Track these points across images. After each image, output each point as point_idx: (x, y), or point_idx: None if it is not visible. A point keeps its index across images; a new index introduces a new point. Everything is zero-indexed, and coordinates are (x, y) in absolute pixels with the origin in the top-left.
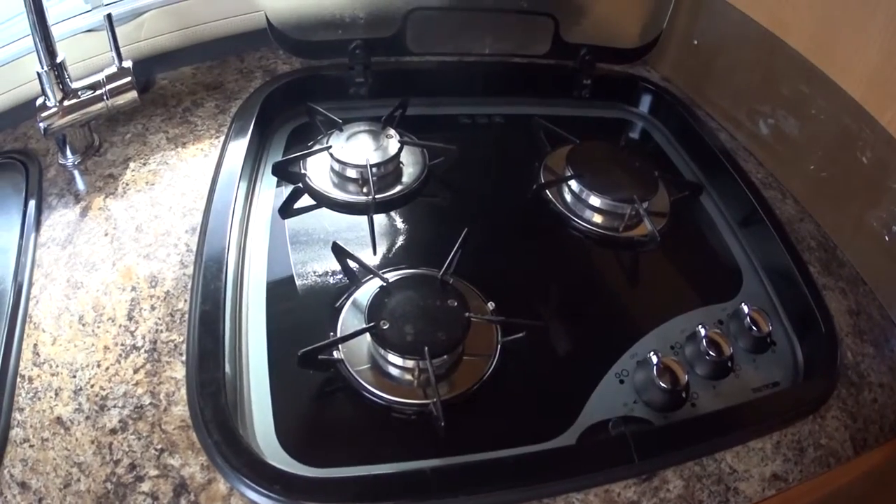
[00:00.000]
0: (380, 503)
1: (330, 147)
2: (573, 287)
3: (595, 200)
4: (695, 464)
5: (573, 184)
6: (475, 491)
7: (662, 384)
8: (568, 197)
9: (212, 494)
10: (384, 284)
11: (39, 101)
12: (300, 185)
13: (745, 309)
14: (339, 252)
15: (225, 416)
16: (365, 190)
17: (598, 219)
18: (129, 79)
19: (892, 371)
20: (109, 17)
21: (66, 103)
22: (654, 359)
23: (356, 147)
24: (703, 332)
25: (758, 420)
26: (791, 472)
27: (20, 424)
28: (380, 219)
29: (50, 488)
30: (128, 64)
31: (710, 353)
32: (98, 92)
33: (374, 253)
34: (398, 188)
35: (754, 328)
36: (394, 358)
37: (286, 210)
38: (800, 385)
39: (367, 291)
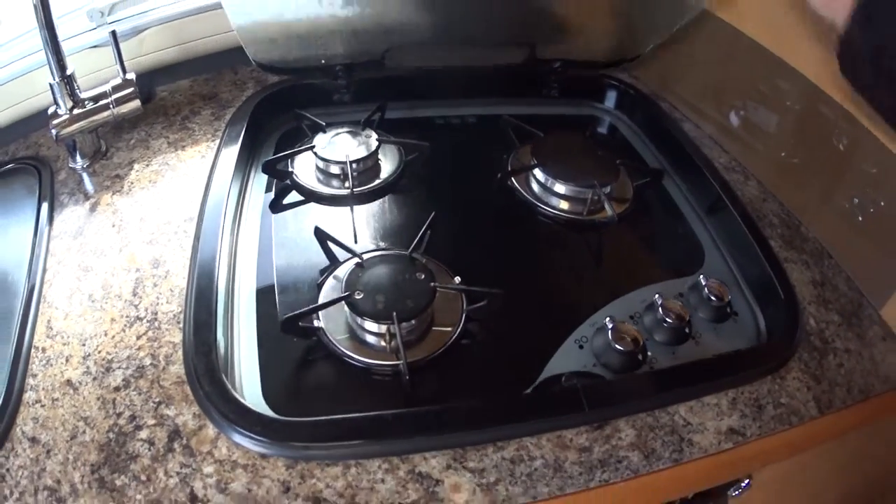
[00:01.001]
0: (346, 441)
1: (314, 146)
2: (537, 265)
3: (559, 187)
4: (647, 415)
5: (538, 172)
6: (431, 433)
7: (619, 346)
8: (535, 186)
9: (202, 438)
10: (360, 262)
11: (51, 109)
12: (288, 181)
13: (703, 280)
14: (321, 235)
15: (215, 371)
16: (346, 184)
17: (563, 205)
18: (132, 89)
19: (860, 338)
20: (114, 33)
21: (75, 112)
22: (611, 323)
23: (338, 146)
24: (659, 301)
25: (711, 378)
26: (749, 428)
27: (33, 388)
28: (360, 209)
29: (58, 440)
30: (131, 75)
31: (668, 319)
32: (104, 101)
33: (356, 240)
34: (377, 182)
35: (713, 298)
36: (367, 324)
37: (276, 205)
38: (757, 348)
39: (345, 269)
